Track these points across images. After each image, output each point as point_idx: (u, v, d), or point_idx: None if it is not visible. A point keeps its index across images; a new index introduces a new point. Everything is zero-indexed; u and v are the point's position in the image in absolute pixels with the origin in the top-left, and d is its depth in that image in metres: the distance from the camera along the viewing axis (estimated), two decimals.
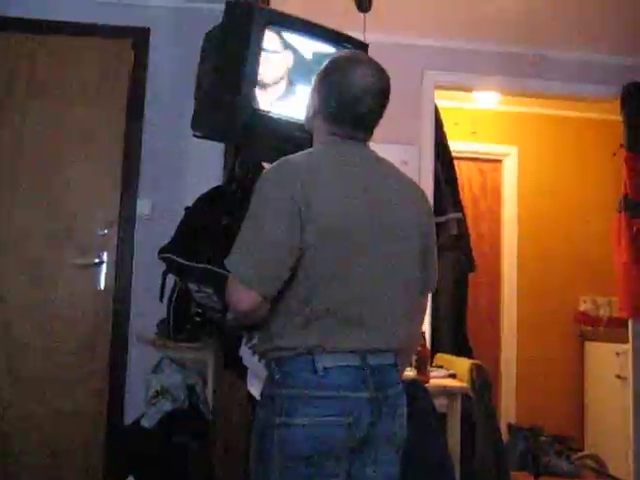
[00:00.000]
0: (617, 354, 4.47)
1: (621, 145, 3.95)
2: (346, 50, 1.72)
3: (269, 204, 1.55)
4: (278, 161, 1.62)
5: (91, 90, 3.46)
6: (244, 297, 1.51)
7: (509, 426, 4.76)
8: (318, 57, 2.00)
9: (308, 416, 1.51)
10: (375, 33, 3.01)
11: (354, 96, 1.64)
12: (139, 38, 3.51)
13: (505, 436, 4.38)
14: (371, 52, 2.15)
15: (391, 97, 1.71)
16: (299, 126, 2.01)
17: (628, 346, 3.94)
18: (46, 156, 3.41)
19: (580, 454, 4.68)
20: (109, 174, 3.43)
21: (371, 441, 1.59)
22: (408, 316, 1.69)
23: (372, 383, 1.57)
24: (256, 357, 2.07)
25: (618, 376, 4.41)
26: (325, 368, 1.53)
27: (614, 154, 4.05)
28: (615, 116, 4.02)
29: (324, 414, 1.52)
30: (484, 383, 3.12)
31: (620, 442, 4.20)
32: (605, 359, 4.71)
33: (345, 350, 1.55)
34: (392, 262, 1.63)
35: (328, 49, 2.04)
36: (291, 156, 1.63)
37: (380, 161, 1.74)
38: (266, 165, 2.10)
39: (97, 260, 3.37)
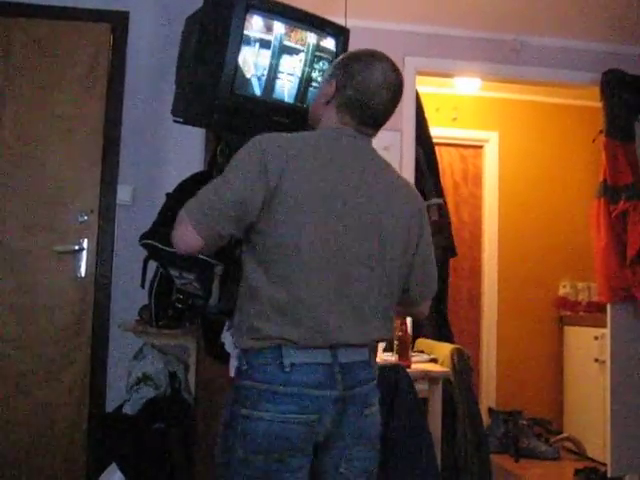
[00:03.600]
0: (596, 338, 4.52)
1: (600, 131, 3.98)
2: (365, 48, 1.72)
3: (242, 164, 1.55)
4: (275, 133, 1.60)
5: (69, 75, 3.40)
6: (189, 237, 1.53)
7: (490, 410, 4.82)
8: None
9: (270, 412, 1.49)
10: (356, 19, 3.00)
11: (373, 87, 1.63)
12: (118, 22, 3.45)
13: (486, 420, 4.44)
14: (352, 38, 2.15)
15: None
16: (280, 110, 2.00)
17: (606, 330, 3.99)
18: (25, 141, 3.35)
19: (559, 437, 4.76)
20: (89, 160, 3.39)
21: (339, 439, 1.57)
22: (384, 312, 1.64)
23: (341, 381, 1.55)
24: None
25: (596, 360, 4.47)
26: (292, 364, 1.50)
27: (593, 140, 4.08)
28: (595, 102, 4.05)
29: (287, 411, 1.49)
30: (465, 368, 3.15)
31: (598, 425, 4.27)
32: (584, 343, 4.76)
33: (314, 345, 1.52)
34: (365, 257, 1.58)
35: (309, 34, 2.03)
36: (293, 134, 1.62)
37: (379, 159, 1.71)
38: None
39: (77, 247, 3.33)
